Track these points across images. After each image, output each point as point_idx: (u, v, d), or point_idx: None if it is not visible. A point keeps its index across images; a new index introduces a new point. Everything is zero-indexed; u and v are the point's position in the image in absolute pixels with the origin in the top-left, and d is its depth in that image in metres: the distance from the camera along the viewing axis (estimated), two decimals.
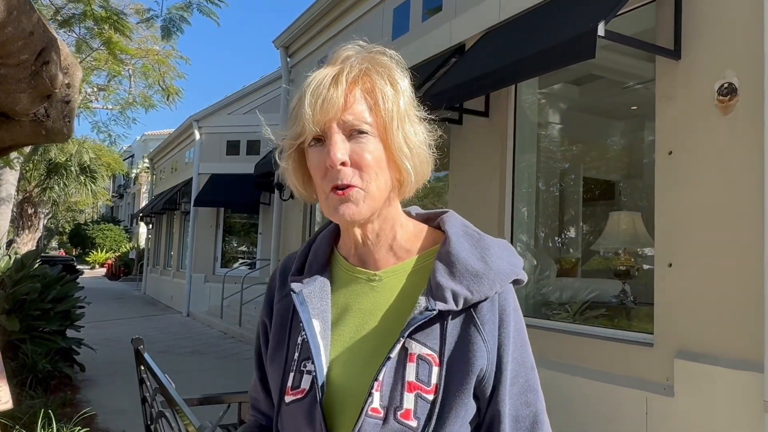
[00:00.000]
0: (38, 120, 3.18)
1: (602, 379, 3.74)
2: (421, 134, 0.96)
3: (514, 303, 0.97)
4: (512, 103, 4.86)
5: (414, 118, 0.95)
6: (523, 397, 0.96)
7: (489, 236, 1.00)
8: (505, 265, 0.95)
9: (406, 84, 0.96)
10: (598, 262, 5.84)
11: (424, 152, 0.96)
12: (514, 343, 0.94)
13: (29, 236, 19.14)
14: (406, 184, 0.96)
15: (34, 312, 6.12)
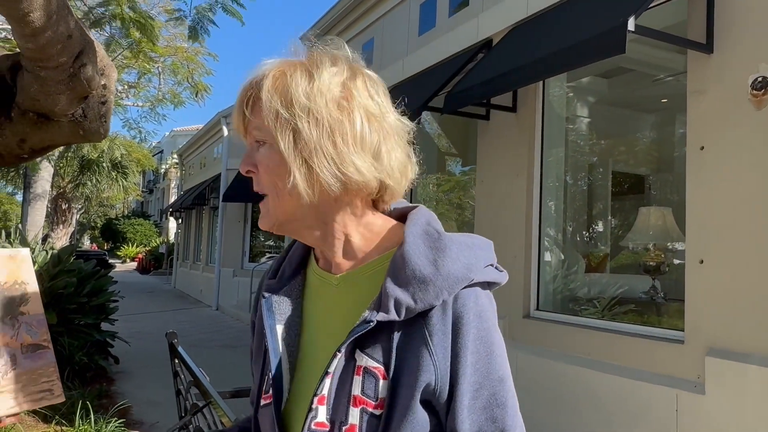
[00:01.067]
0: (76, 120, 3.27)
1: (631, 375, 3.72)
2: (349, 127, 0.86)
3: (478, 309, 0.86)
4: (540, 98, 4.83)
5: (324, 113, 0.86)
6: (487, 412, 0.85)
7: (455, 235, 0.90)
8: (458, 268, 0.85)
9: (310, 79, 0.87)
10: (627, 257, 5.79)
11: (352, 148, 0.86)
12: (474, 353, 0.84)
13: (63, 231, 19.60)
14: (353, 185, 0.87)
15: (71, 306, 6.29)
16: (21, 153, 3.35)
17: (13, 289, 1.50)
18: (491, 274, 0.90)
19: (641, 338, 3.78)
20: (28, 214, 14.09)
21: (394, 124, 0.92)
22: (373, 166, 0.88)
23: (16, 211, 33.51)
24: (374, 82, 0.93)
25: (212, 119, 15.85)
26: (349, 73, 0.90)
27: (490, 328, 0.87)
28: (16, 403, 1.42)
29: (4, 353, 1.44)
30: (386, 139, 0.90)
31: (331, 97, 0.87)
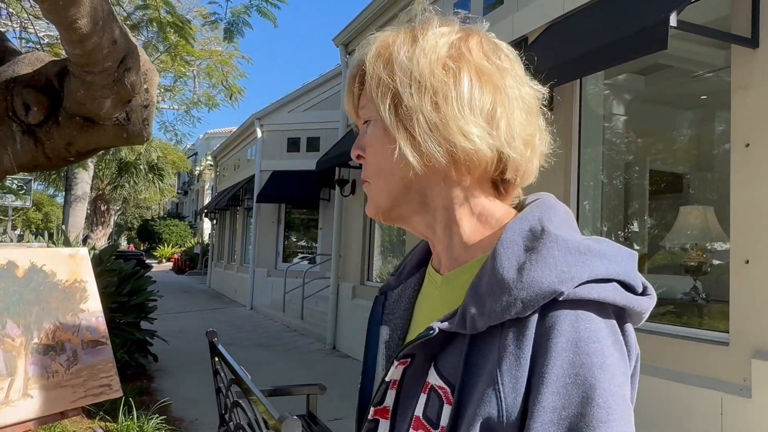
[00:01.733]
0: (120, 124, 3.35)
1: (674, 378, 3.64)
2: (464, 94, 0.74)
3: (576, 336, 0.64)
4: (577, 96, 4.78)
5: (433, 80, 0.74)
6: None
7: (571, 237, 0.70)
8: (546, 276, 0.65)
9: (415, 46, 0.77)
10: (664, 257, 5.68)
11: (444, 121, 0.74)
12: (559, 396, 0.63)
13: (102, 232, 20.10)
14: (462, 156, 0.74)
15: (112, 305, 6.44)
16: (68, 156, 3.45)
17: (73, 287, 1.55)
18: (605, 292, 0.67)
19: (683, 340, 3.70)
20: (69, 215, 14.48)
21: (517, 88, 0.78)
22: (485, 131, 0.74)
23: (56, 213, 34.47)
24: (494, 44, 0.80)
25: (246, 121, 16.06)
26: (462, 34, 0.79)
27: (593, 367, 0.64)
28: (78, 397, 1.47)
29: (66, 349, 1.49)
30: (503, 103, 0.76)
31: (435, 58, 0.75)
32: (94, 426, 4.38)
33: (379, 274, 8.60)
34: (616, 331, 0.68)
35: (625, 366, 0.68)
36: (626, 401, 0.67)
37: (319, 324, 10.24)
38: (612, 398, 0.64)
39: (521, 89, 0.78)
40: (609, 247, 0.71)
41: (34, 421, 1.36)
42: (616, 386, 0.65)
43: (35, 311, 1.46)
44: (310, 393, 3.84)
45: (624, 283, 0.70)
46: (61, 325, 1.50)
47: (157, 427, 4.18)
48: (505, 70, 0.78)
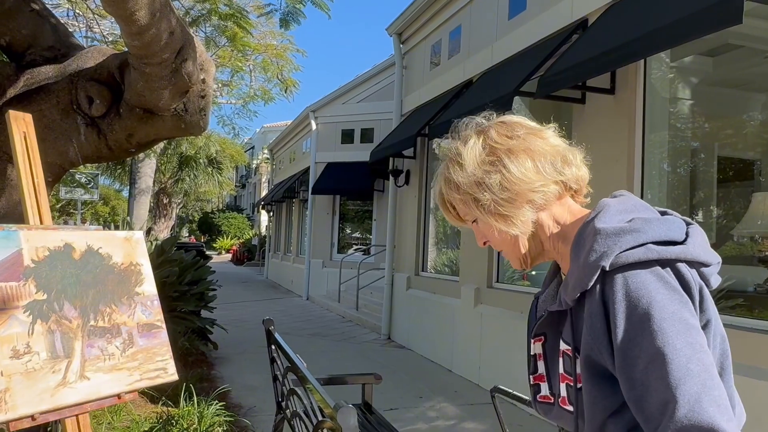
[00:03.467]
0: (178, 114, 3.41)
1: (745, 372, 3.45)
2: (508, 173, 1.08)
3: (625, 290, 0.94)
4: (641, 79, 4.56)
5: (485, 179, 1.08)
6: (648, 385, 0.90)
7: (608, 225, 1.01)
8: (592, 259, 0.97)
9: (458, 167, 1.11)
10: (734, 247, 5.40)
11: (516, 195, 1.08)
12: (625, 330, 0.92)
13: (164, 224, 20.78)
14: (537, 206, 1.09)
15: (173, 294, 6.63)
16: (129, 147, 3.54)
17: (128, 270, 1.57)
18: (636, 254, 0.95)
19: (756, 333, 3.50)
20: (133, 208, 15.02)
21: (538, 139, 1.11)
22: (539, 180, 1.08)
23: (122, 206, 35.83)
24: (506, 124, 1.12)
25: (301, 114, 16.22)
26: (483, 135, 1.11)
27: (642, 305, 0.92)
28: (134, 380, 1.49)
29: (122, 332, 1.51)
30: (537, 155, 1.09)
31: (481, 161, 1.09)
32: (157, 411, 4.50)
33: (434, 265, 8.53)
34: (662, 276, 0.95)
35: (676, 296, 0.94)
36: (682, 322, 0.92)
37: (374, 314, 10.27)
38: (664, 322, 0.91)
39: (541, 136, 1.11)
40: (641, 224, 1.00)
41: (92, 402, 1.38)
42: (668, 313, 0.92)
43: (92, 293, 1.48)
44: (366, 382, 3.83)
45: (659, 242, 0.98)
46: (116, 308, 1.52)
47: (217, 413, 4.26)
48: (523, 136, 1.10)
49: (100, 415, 4.06)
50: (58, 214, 32.28)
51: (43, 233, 1.45)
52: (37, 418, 1.28)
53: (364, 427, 3.42)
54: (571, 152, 1.15)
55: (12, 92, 3.36)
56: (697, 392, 0.87)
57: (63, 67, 3.38)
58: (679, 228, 1.02)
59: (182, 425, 4.02)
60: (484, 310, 6.38)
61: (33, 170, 1.56)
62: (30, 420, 1.27)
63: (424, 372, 6.86)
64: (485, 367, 6.27)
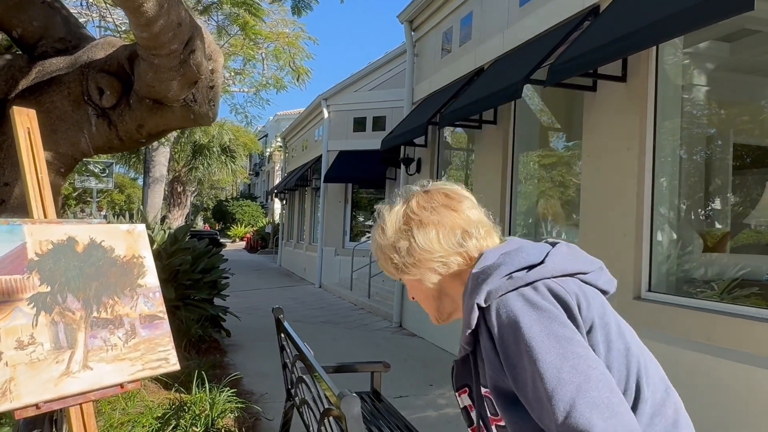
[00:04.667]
0: (187, 105, 3.44)
1: (757, 363, 3.43)
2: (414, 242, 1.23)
3: (498, 318, 1.07)
4: (653, 66, 4.51)
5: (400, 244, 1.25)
6: (537, 401, 0.99)
7: (480, 270, 1.15)
8: (468, 298, 1.12)
9: (382, 232, 1.28)
10: (750, 236, 5.34)
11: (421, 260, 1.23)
12: (506, 357, 1.04)
13: (179, 212, 20.94)
14: (449, 269, 1.23)
15: (186, 282, 6.70)
16: (139, 138, 3.57)
17: (131, 262, 1.60)
18: (504, 283, 1.10)
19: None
20: (148, 196, 15.15)
21: (447, 212, 1.24)
22: (442, 251, 1.21)
23: (138, 195, 36.16)
24: (426, 195, 1.28)
25: (313, 102, 16.23)
26: (405, 204, 1.27)
27: (511, 328, 1.05)
28: (136, 370, 1.52)
29: (124, 323, 1.55)
30: (444, 227, 1.22)
31: (398, 229, 1.25)
32: (170, 397, 4.58)
33: None
34: (529, 298, 1.06)
35: (543, 314, 1.04)
36: (550, 337, 1.01)
37: (386, 302, 10.31)
38: (532, 341, 1.00)
39: (454, 209, 1.25)
40: (503, 259, 1.14)
41: (95, 392, 1.42)
42: (535, 333, 1.01)
43: (94, 286, 1.51)
44: (375, 370, 3.87)
45: (521, 269, 1.11)
46: (119, 300, 1.55)
47: (228, 399, 4.32)
48: (437, 209, 1.24)
49: (114, 401, 4.14)
50: (75, 202, 32.66)
51: (46, 227, 1.48)
52: (41, 406, 1.32)
53: (372, 414, 3.46)
54: (478, 225, 1.24)
55: (24, 84, 3.40)
56: (571, 398, 0.94)
57: (74, 58, 3.41)
58: (538, 252, 1.15)
59: (194, 411, 4.08)
60: None
61: (37, 165, 1.59)
62: (34, 408, 1.31)
63: (434, 360, 6.89)
64: None
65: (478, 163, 7.22)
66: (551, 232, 6.86)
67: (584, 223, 5.09)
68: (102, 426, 3.84)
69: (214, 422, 4.04)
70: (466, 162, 8.82)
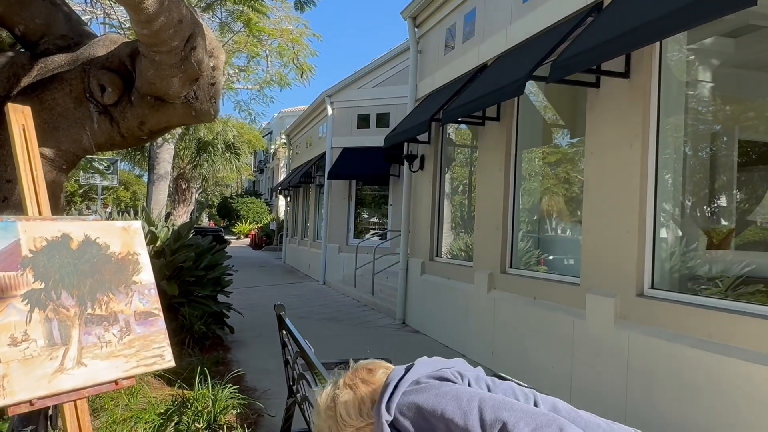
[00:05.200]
0: (188, 102, 3.44)
1: (760, 360, 3.42)
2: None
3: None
4: (656, 62, 4.49)
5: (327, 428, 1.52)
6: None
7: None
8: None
9: (314, 416, 1.56)
10: (755, 233, 5.31)
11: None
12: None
13: (183, 209, 20.99)
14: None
15: (190, 278, 6.72)
16: (141, 135, 3.57)
17: (126, 259, 1.61)
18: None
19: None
20: (152, 193, 15.19)
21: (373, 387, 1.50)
22: (364, 423, 1.43)
23: (143, 191, 36.26)
24: (354, 371, 1.54)
25: (317, 99, 16.23)
26: (333, 385, 1.53)
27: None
28: (130, 366, 1.53)
29: (119, 320, 1.55)
30: (363, 404, 1.46)
31: (325, 408, 1.51)
32: (173, 393, 4.59)
33: (450, 250, 8.53)
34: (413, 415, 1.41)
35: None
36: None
37: (390, 299, 10.32)
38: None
39: (371, 382, 1.51)
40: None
41: (89, 388, 1.42)
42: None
43: (89, 282, 1.52)
44: None
45: (394, 390, 1.43)
46: (114, 297, 1.56)
47: (231, 395, 4.33)
48: (358, 384, 1.51)
49: (117, 398, 4.16)
50: (80, 199, 32.73)
51: (40, 224, 1.48)
52: (35, 403, 1.32)
53: None
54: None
55: (26, 81, 3.41)
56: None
57: (75, 55, 3.41)
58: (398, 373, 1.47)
59: (197, 408, 4.09)
60: (497, 296, 6.38)
61: (32, 162, 1.59)
62: (28, 405, 1.32)
63: (437, 356, 6.88)
64: (498, 352, 6.28)
65: (482, 160, 7.20)
66: (555, 229, 6.84)
67: (587, 220, 5.08)
68: (105, 422, 3.86)
69: (216, 418, 4.05)
70: (469, 159, 8.81)
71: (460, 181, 8.95)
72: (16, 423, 1.40)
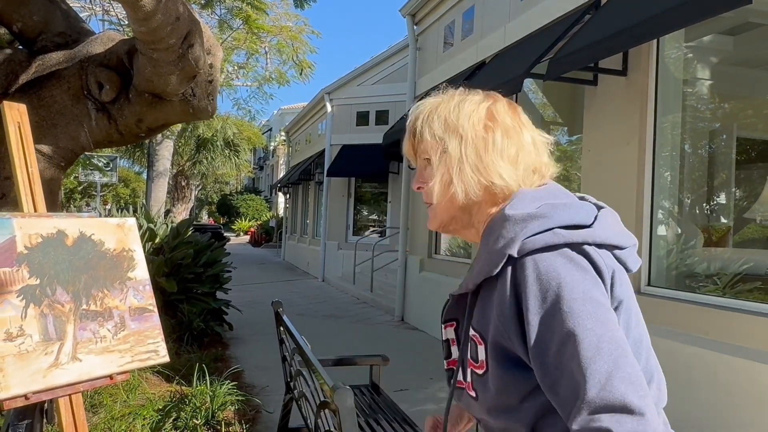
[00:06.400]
0: (186, 99, 3.45)
1: (757, 358, 3.43)
2: (500, 145, 1.08)
3: (536, 273, 0.95)
4: (654, 59, 4.50)
5: (475, 136, 1.08)
6: (560, 367, 0.91)
7: (516, 212, 1.02)
8: (498, 246, 1.00)
9: (459, 109, 1.11)
10: (753, 231, 5.32)
11: (498, 161, 1.07)
12: (534, 313, 0.93)
13: (183, 206, 20.99)
14: (496, 189, 1.07)
15: (189, 275, 6.73)
16: (138, 132, 3.58)
17: (121, 255, 1.62)
18: (548, 237, 0.98)
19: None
20: (151, 190, 15.19)
21: (530, 136, 1.13)
22: (513, 171, 1.07)
23: (143, 188, 36.27)
24: (513, 106, 1.15)
25: (316, 96, 16.23)
26: (492, 100, 1.12)
27: (552, 288, 0.94)
28: (125, 361, 1.54)
29: (114, 315, 1.56)
30: (522, 149, 1.09)
31: (477, 119, 1.09)
32: (171, 389, 4.60)
33: (449, 247, 8.55)
34: (571, 257, 0.97)
35: (588, 276, 0.96)
36: (592, 301, 0.93)
37: (388, 296, 10.33)
38: (574, 302, 0.92)
39: (533, 136, 1.13)
40: (547, 209, 1.02)
41: (84, 383, 1.44)
42: (578, 293, 0.93)
43: (84, 278, 1.53)
44: (374, 364, 3.89)
45: (566, 226, 1.00)
46: (108, 293, 1.57)
47: (229, 392, 4.35)
48: (522, 125, 1.13)
49: (116, 393, 4.17)
50: (80, 196, 32.72)
51: (36, 220, 1.49)
52: (30, 397, 1.34)
53: (371, 408, 3.48)
54: (547, 162, 1.15)
55: (24, 78, 3.41)
56: (608, 371, 0.86)
57: (73, 53, 3.42)
58: (587, 212, 1.04)
59: (195, 404, 4.11)
60: None
61: (27, 159, 1.61)
62: (23, 399, 1.33)
63: (436, 353, 6.89)
64: None
65: None
66: None
67: None
68: (103, 418, 3.87)
69: (214, 415, 4.07)
70: None
71: None
72: (11, 417, 1.42)
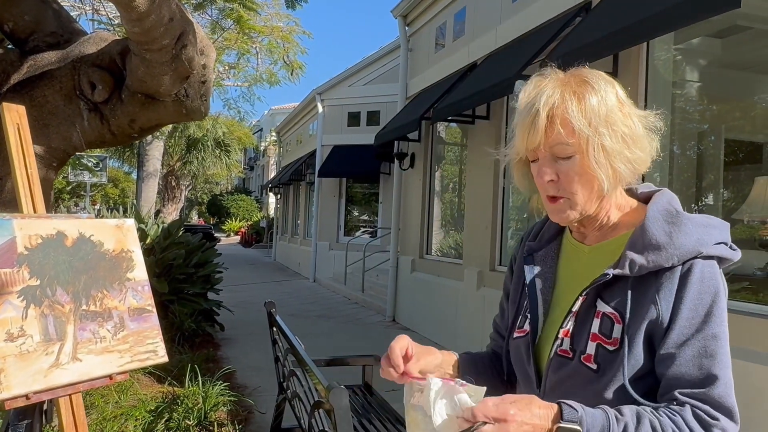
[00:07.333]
0: (179, 100, 3.44)
1: (744, 357, 3.48)
2: (629, 130, 1.07)
3: (702, 275, 1.04)
4: (643, 62, 4.54)
5: (617, 124, 1.06)
6: (696, 360, 1.02)
7: (693, 215, 1.09)
8: (690, 242, 1.04)
9: (600, 98, 1.06)
10: (740, 231, 5.39)
11: (632, 147, 1.08)
12: (692, 309, 1.02)
13: (173, 207, 20.90)
14: (620, 179, 1.09)
15: (180, 276, 6.71)
16: (131, 132, 3.58)
17: (120, 256, 1.63)
18: (721, 250, 1.07)
19: (757, 317, 3.52)
20: (141, 191, 15.12)
21: (645, 118, 1.12)
22: (648, 156, 1.11)
23: (132, 189, 36.07)
24: (624, 90, 1.13)
25: (307, 96, 16.22)
26: (613, 86, 1.10)
27: (711, 293, 1.04)
28: (124, 362, 1.55)
29: (113, 316, 1.57)
30: (645, 132, 1.11)
31: (615, 107, 1.07)
32: (163, 390, 4.60)
33: (440, 248, 8.58)
34: (721, 273, 1.07)
35: (725, 295, 1.07)
36: (725, 320, 1.05)
37: (380, 297, 10.35)
38: (723, 313, 1.04)
39: (646, 119, 1.12)
40: (715, 221, 1.11)
41: (84, 383, 1.45)
42: (724, 305, 1.05)
43: (83, 279, 1.53)
44: (366, 364, 3.90)
45: (726, 243, 1.09)
46: (108, 293, 1.58)
47: (221, 393, 4.35)
48: (638, 115, 1.11)
49: (107, 395, 4.16)
50: (68, 196, 32.49)
51: (36, 221, 1.50)
52: (31, 397, 1.34)
53: (363, 408, 3.49)
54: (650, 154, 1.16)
55: (16, 78, 3.40)
56: (731, 379, 1.05)
57: (65, 53, 3.41)
58: (726, 231, 1.13)
59: (187, 405, 4.11)
60: (486, 293, 6.43)
61: (26, 161, 1.61)
62: (24, 399, 1.34)
63: None
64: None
65: (472, 159, 7.25)
66: None
67: None
68: (95, 419, 3.86)
69: (206, 415, 4.07)
70: (459, 157, 8.85)
71: (450, 179, 8.99)
72: (11, 417, 1.42)
